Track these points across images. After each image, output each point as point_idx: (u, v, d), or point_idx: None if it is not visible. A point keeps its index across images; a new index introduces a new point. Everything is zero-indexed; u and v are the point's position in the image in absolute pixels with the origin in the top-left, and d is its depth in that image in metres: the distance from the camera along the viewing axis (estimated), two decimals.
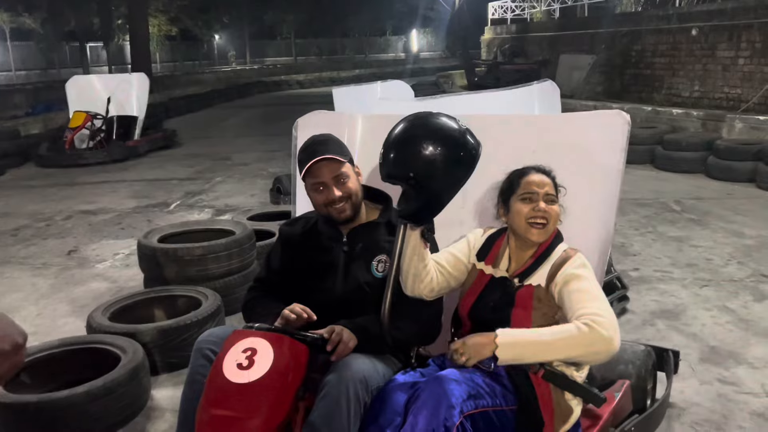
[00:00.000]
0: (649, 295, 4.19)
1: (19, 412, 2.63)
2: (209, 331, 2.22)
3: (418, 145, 1.98)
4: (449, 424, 1.85)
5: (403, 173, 2.01)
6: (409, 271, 2.19)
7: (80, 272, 5.03)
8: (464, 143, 2.03)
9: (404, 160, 2.01)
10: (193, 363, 2.10)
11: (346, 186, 2.27)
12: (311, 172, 2.25)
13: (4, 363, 1.19)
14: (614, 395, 2.43)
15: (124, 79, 11.28)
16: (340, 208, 2.27)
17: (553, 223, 2.19)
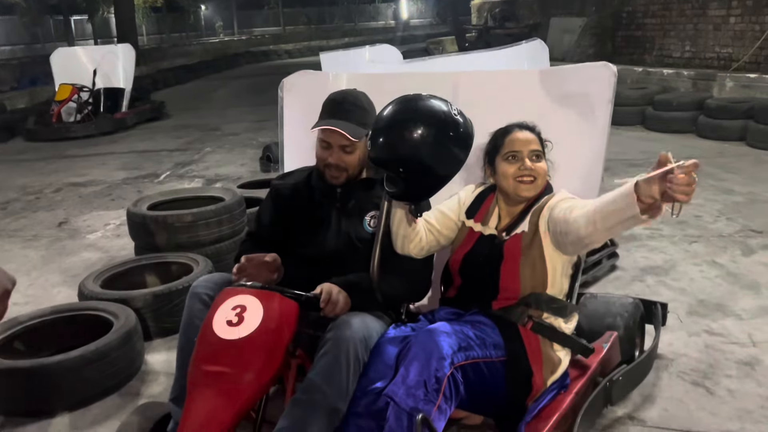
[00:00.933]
0: (638, 252, 4.22)
1: (13, 378, 2.65)
2: (205, 276, 2.24)
3: (405, 130, 1.93)
4: (440, 375, 1.87)
5: (391, 161, 1.97)
6: (398, 233, 2.20)
7: (71, 243, 5.02)
8: (455, 124, 1.97)
9: (392, 145, 1.96)
10: (189, 307, 2.12)
11: (348, 158, 2.25)
12: (322, 130, 2.24)
13: (6, 302, 1.25)
14: (602, 346, 2.47)
15: (110, 50, 11.13)
16: (334, 174, 2.26)
17: (542, 179, 2.19)
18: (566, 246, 2.04)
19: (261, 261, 2.15)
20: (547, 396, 2.11)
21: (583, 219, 1.87)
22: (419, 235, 2.24)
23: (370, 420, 1.94)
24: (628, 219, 1.70)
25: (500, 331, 2.09)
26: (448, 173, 2.01)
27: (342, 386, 1.89)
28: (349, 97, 2.29)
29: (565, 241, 2.01)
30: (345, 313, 2.07)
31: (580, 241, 1.96)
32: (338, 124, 2.19)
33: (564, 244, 2.04)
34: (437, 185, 2.03)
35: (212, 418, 1.80)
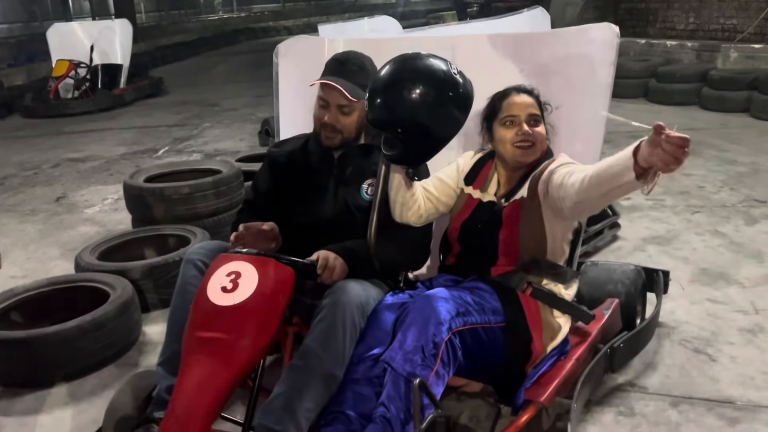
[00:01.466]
0: (640, 222, 4.18)
1: (10, 348, 2.63)
2: (200, 243, 2.22)
3: (403, 90, 1.87)
4: (437, 340, 1.85)
5: (389, 122, 1.93)
6: (396, 200, 2.16)
7: (69, 217, 4.99)
8: (455, 84, 1.91)
9: (390, 107, 1.91)
10: (183, 273, 2.09)
11: (345, 119, 2.21)
12: (322, 86, 2.20)
13: None
14: (603, 313, 2.44)
15: (107, 25, 11.00)
16: (329, 134, 2.23)
17: (540, 144, 2.14)
18: (564, 211, 1.99)
19: (258, 229, 2.12)
20: (546, 362, 2.08)
21: (580, 183, 1.83)
22: (418, 203, 2.20)
23: (367, 386, 1.92)
24: (624, 184, 1.65)
25: (499, 297, 2.06)
26: (446, 135, 1.97)
27: (338, 352, 1.87)
28: (352, 57, 2.26)
29: (562, 206, 1.96)
30: (342, 280, 2.03)
31: (577, 206, 1.91)
32: (338, 81, 2.15)
33: (561, 209, 1.99)
34: (436, 148, 1.99)
35: (207, 384, 1.78)
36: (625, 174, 1.61)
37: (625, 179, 1.62)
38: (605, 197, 1.80)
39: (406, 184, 2.13)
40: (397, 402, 1.79)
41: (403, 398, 1.79)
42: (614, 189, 1.71)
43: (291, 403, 1.82)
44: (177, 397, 1.78)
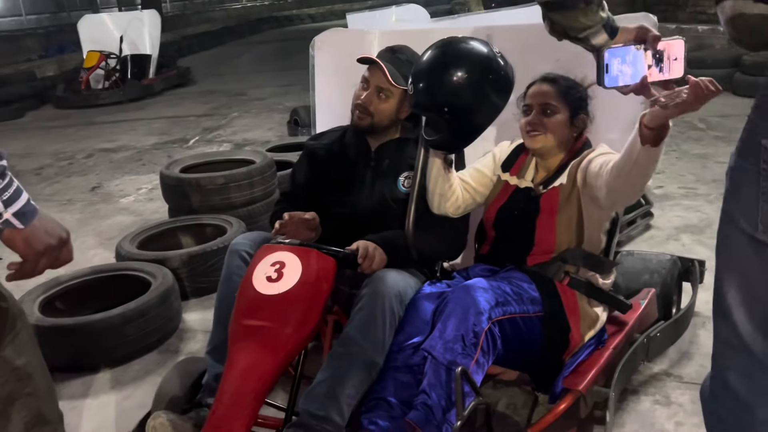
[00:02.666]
0: (673, 211, 4.15)
1: (57, 335, 2.71)
2: (244, 234, 2.27)
3: (448, 72, 1.93)
4: (477, 329, 1.87)
5: (435, 104, 1.97)
6: (434, 191, 2.19)
7: (105, 207, 5.10)
8: (497, 67, 1.98)
9: (435, 89, 1.96)
10: (228, 263, 2.14)
11: (378, 103, 2.25)
12: (367, 65, 2.26)
13: (50, 256, 1.29)
14: (640, 303, 2.45)
15: (136, 16, 11.12)
16: (360, 115, 2.26)
17: (553, 132, 2.14)
18: (600, 200, 2.02)
19: (301, 219, 2.17)
20: (584, 351, 2.11)
21: (610, 170, 1.87)
22: (456, 194, 2.23)
23: (407, 374, 1.96)
24: (637, 156, 1.68)
25: (537, 287, 2.08)
26: (489, 118, 2.03)
27: (378, 340, 1.91)
28: (405, 49, 2.32)
29: (599, 195, 1.99)
30: (381, 270, 2.07)
31: (610, 195, 1.94)
32: (384, 63, 2.21)
33: (598, 198, 2.02)
34: (478, 131, 2.05)
35: (254, 370, 1.84)
36: (635, 147, 1.66)
37: (635, 153, 1.66)
38: (629, 179, 1.80)
39: (445, 173, 2.16)
40: (438, 389, 1.83)
41: (443, 386, 1.83)
42: (632, 167, 1.73)
43: (333, 389, 1.87)
44: (225, 383, 1.84)
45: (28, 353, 1.35)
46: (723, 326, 1.27)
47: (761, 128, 1.12)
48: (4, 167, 1.20)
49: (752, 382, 1.21)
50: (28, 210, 1.24)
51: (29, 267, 1.28)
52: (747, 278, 1.19)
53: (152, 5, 15.58)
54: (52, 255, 1.29)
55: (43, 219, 1.28)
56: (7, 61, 12.65)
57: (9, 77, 10.74)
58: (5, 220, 1.21)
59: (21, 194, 1.23)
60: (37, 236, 1.26)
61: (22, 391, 1.32)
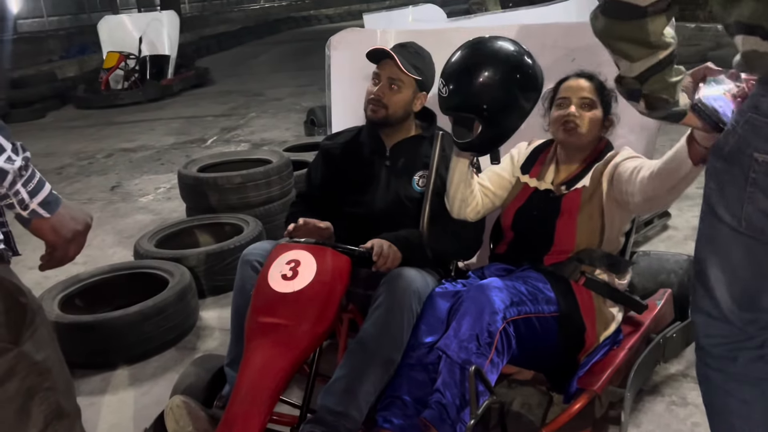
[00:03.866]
0: (691, 212, 4.11)
1: (77, 332, 2.75)
2: (255, 244, 2.28)
3: (485, 71, 1.95)
4: (492, 329, 1.87)
5: (473, 104, 1.98)
6: (455, 196, 2.19)
7: (124, 206, 5.16)
8: (529, 65, 2.01)
9: (473, 89, 1.97)
10: (241, 273, 2.15)
11: (393, 95, 2.25)
12: (378, 60, 2.28)
13: (78, 241, 1.34)
14: (656, 303, 2.43)
15: (155, 17, 11.22)
16: (374, 107, 2.27)
17: (588, 128, 2.13)
18: (630, 205, 2.03)
19: (316, 226, 2.17)
20: (600, 351, 2.10)
21: (649, 180, 1.87)
22: (476, 199, 2.23)
23: (422, 372, 1.97)
24: (687, 174, 1.70)
25: (552, 287, 2.08)
26: (522, 117, 2.05)
27: (396, 337, 1.92)
28: (414, 44, 2.35)
29: (630, 200, 1.99)
30: (397, 267, 2.08)
31: (646, 203, 1.95)
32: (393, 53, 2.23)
33: (628, 203, 2.02)
34: (513, 130, 2.06)
35: (270, 367, 1.85)
36: (684, 164, 1.67)
37: (685, 169, 1.68)
38: (673, 191, 1.83)
39: (469, 177, 2.16)
40: (453, 388, 1.83)
41: (458, 385, 1.83)
42: (680, 182, 1.76)
43: (351, 385, 1.88)
44: (242, 380, 1.85)
45: (47, 348, 1.37)
46: (707, 302, 1.51)
47: (753, 142, 1.28)
48: (27, 158, 1.24)
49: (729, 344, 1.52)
50: (53, 199, 1.28)
51: (60, 254, 1.33)
52: (729, 262, 1.41)
53: (171, 6, 15.72)
54: (81, 241, 1.34)
55: (68, 206, 1.32)
56: (29, 62, 12.83)
57: (31, 78, 10.91)
58: (32, 210, 1.25)
59: (44, 185, 1.27)
60: (64, 223, 1.30)
61: (42, 385, 1.34)
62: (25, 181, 1.23)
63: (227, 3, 34.07)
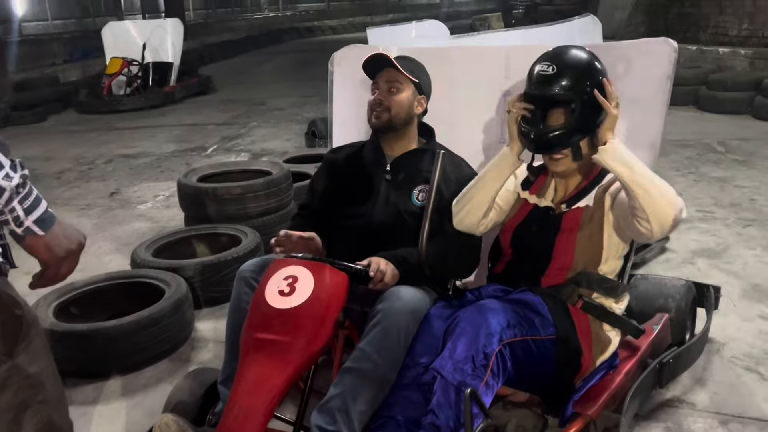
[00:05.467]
0: (689, 235, 4.12)
1: (71, 341, 2.74)
2: (251, 260, 2.26)
3: (592, 59, 2.09)
4: (488, 350, 1.87)
5: (577, 84, 2.01)
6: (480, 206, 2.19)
7: (123, 213, 5.15)
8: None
9: (576, 69, 2.04)
10: (237, 290, 2.15)
11: (393, 97, 2.27)
12: (376, 67, 2.30)
13: (71, 260, 1.34)
14: (653, 328, 2.43)
15: (159, 24, 11.28)
16: (377, 112, 2.28)
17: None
18: (626, 234, 2.07)
19: (300, 238, 2.16)
20: (596, 375, 2.09)
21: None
22: (490, 213, 2.23)
23: (417, 392, 1.95)
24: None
25: (549, 310, 2.07)
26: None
27: (392, 356, 1.91)
28: (405, 56, 2.39)
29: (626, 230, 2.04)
30: (394, 286, 2.07)
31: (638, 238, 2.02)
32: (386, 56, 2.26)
33: (624, 229, 2.05)
34: (595, 126, 2.07)
35: (264, 384, 1.84)
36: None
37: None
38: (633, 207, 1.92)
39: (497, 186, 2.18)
40: (447, 410, 1.82)
41: (452, 406, 1.82)
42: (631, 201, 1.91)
43: (346, 404, 1.87)
44: (235, 396, 1.84)
45: (41, 361, 1.36)
46: None
47: None
48: (25, 176, 1.24)
49: None
50: (48, 217, 1.28)
51: (52, 272, 1.33)
52: None
53: (175, 13, 15.80)
54: (74, 260, 1.34)
55: (62, 225, 1.32)
56: (32, 65, 12.86)
57: (34, 81, 10.93)
58: (27, 228, 1.26)
59: (40, 202, 1.27)
60: (57, 242, 1.31)
61: (35, 398, 1.33)
62: (21, 199, 1.23)
63: (231, 12, 34.23)
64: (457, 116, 2.71)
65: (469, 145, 2.62)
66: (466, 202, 2.21)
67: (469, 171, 2.37)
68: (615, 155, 1.94)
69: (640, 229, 1.94)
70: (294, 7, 37.33)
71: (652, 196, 1.88)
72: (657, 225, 1.91)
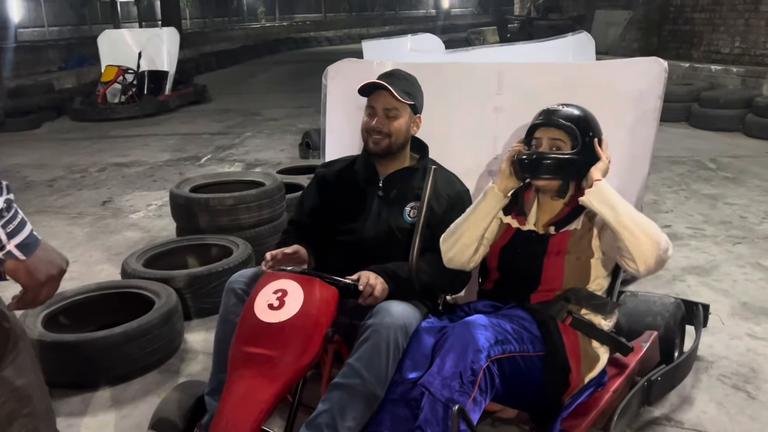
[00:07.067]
0: (680, 252, 4.14)
1: (59, 351, 2.72)
2: (240, 271, 2.26)
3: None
4: (476, 367, 1.87)
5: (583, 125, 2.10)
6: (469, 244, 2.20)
7: (114, 222, 5.14)
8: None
9: (583, 117, 2.13)
10: (225, 302, 2.14)
11: (392, 123, 2.26)
12: (369, 92, 2.28)
13: (51, 286, 1.33)
14: (641, 345, 2.44)
15: (155, 33, 11.30)
16: (376, 139, 2.28)
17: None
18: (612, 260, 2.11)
19: (284, 255, 2.15)
20: (584, 393, 2.09)
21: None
22: (478, 251, 2.24)
23: (405, 407, 1.95)
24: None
25: (538, 326, 2.08)
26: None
27: (381, 373, 1.91)
28: (399, 71, 2.36)
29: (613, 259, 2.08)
30: (384, 301, 2.08)
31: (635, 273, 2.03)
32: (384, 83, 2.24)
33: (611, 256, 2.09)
34: (583, 173, 2.13)
35: (252, 398, 1.84)
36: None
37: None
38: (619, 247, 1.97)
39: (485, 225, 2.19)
40: (434, 426, 1.82)
41: (440, 423, 1.82)
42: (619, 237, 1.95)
43: (334, 420, 1.86)
44: (223, 409, 1.84)
45: (28, 374, 1.36)
46: None
47: None
48: (10, 201, 1.24)
49: None
50: (31, 241, 1.28)
51: (30, 296, 1.32)
52: None
53: (172, 22, 15.85)
54: (54, 285, 1.34)
55: (45, 249, 1.32)
56: (27, 72, 12.85)
57: (28, 88, 10.91)
58: (8, 252, 1.25)
59: (24, 226, 1.27)
60: (39, 267, 1.30)
61: (21, 411, 1.33)
62: (4, 223, 1.23)
63: (228, 21, 34.34)
64: (450, 132, 2.73)
65: (462, 161, 2.63)
66: (454, 242, 2.21)
67: (460, 188, 2.38)
68: (600, 197, 1.98)
69: (627, 268, 2.00)
70: (291, 18, 37.56)
71: (637, 237, 1.92)
72: (642, 264, 1.95)
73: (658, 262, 1.94)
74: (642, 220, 1.96)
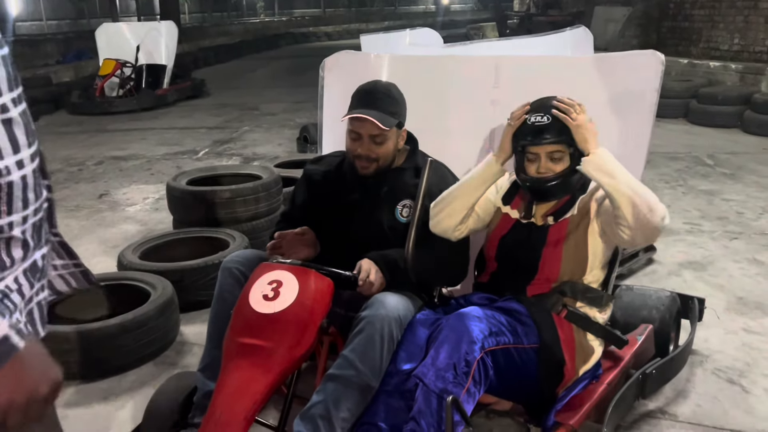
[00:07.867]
0: (676, 247, 4.14)
1: (54, 343, 2.71)
2: (237, 252, 2.27)
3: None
4: (470, 358, 1.87)
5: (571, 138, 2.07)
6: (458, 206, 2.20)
7: (111, 215, 5.13)
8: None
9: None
10: (221, 282, 2.15)
11: (379, 149, 2.23)
12: (352, 120, 2.23)
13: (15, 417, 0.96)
14: (636, 338, 2.44)
15: (153, 27, 11.25)
16: (364, 164, 2.25)
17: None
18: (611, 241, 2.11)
19: (294, 235, 2.17)
20: (578, 385, 2.10)
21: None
22: (466, 220, 2.24)
23: (399, 399, 1.96)
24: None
25: (533, 319, 2.08)
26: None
27: (376, 364, 1.91)
28: (379, 86, 2.27)
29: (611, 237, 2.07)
30: (380, 292, 2.07)
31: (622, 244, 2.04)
32: (368, 113, 2.16)
33: (609, 236, 2.08)
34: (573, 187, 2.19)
35: (246, 389, 1.84)
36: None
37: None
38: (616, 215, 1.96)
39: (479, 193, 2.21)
40: (428, 417, 1.83)
41: (434, 414, 1.83)
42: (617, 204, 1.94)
43: (328, 411, 1.86)
44: (217, 400, 1.84)
45: None
46: None
47: None
48: None
49: None
50: (3, 351, 0.94)
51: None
52: None
53: (171, 16, 15.80)
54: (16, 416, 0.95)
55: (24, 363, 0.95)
56: (25, 65, 12.81)
57: (26, 81, 10.81)
58: None
59: None
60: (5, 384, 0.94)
61: None
62: None
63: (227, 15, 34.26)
64: (447, 124, 2.72)
65: (458, 153, 2.62)
66: (445, 205, 2.21)
67: (453, 182, 2.37)
68: (598, 165, 1.98)
69: (623, 236, 1.97)
70: (290, 13, 37.47)
71: (635, 205, 1.91)
72: (639, 232, 1.95)
73: (654, 229, 1.94)
74: (640, 187, 1.95)
